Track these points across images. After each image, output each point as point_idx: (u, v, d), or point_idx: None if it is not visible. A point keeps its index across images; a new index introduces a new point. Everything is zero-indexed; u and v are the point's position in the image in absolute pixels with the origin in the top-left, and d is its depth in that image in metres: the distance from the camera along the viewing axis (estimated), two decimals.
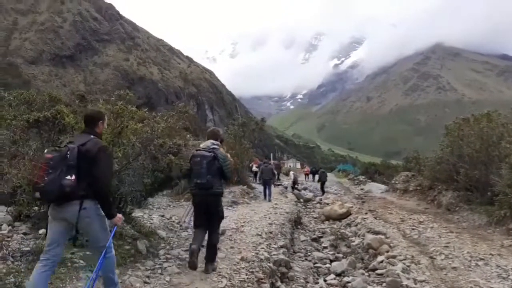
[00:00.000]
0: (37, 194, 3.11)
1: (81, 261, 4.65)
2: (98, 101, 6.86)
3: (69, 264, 4.52)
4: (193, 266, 4.64)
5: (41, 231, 4.96)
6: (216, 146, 4.95)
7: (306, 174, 38.10)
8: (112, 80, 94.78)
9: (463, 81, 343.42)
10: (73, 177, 3.07)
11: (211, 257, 4.95)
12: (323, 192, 20.98)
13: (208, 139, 5.09)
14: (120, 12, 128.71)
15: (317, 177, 36.23)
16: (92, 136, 3.34)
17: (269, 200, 14.49)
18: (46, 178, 3.04)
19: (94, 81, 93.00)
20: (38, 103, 8.28)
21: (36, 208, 5.33)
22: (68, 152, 3.11)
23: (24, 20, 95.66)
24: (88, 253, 4.91)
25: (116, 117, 5.81)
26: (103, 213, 3.29)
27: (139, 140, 6.08)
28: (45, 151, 3.29)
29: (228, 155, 5.12)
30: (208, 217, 4.88)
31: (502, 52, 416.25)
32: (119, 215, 3.43)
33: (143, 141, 6.12)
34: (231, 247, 6.18)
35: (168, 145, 7.60)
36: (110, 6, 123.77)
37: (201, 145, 5.06)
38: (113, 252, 3.49)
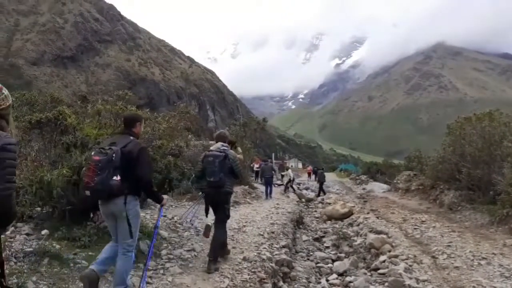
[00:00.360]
0: (88, 193, 3.45)
1: (84, 261, 4.66)
2: (98, 101, 6.89)
3: (71, 264, 4.52)
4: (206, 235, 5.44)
5: (44, 231, 4.98)
6: (226, 147, 5.28)
7: (309, 174, 38.09)
8: (114, 80, 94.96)
9: (464, 80, 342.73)
10: (119, 177, 3.43)
11: (214, 254, 5.09)
12: (324, 192, 20.35)
13: (217, 142, 5.42)
14: (122, 13, 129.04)
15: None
16: (131, 138, 3.68)
17: (270, 197, 14.85)
18: (95, 178, 3.36)
19: (96, 81, 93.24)
20: (40, 104, 8.33)
21: (38, 209, 5.35)
22: (114, 155, 3.42)
23: (26, 21, 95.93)
24: (90, 253, 4.92)
25: (116, 117, 5.82)
26: (139, 212, 3.73)
27: (141, 141, 6.09)
28: (92, 153, 3.61)
29: (236, 154, 5.50)
30: (216, 212, 5.29)
31: (504, 51, 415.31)
32: (164, 198, 3.93)
33: (144, 141, 6.12)
34: (233, 247, 6.18)
35: (170, 146, 7.61)
36: (112, 7, 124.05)
37: (212, 147, 5.38)
38: (134, 254, 3.77)
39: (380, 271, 6.41)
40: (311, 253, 8.35)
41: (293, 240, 8.73)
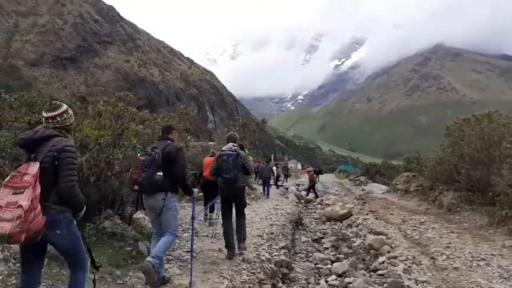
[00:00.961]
0: (136, 187, 4.26)
1: None
2: (99, 102, 6.89)
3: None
4: (230, 257, 5.64)
5: None
6: (236, 147, 5.91)
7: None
8: (113, 81, 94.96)
9: (464, 81, 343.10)
10: (161, 173, 4.16)
11: (242, 237, 5.93)
12: (316, 195, 19.62)
13: (228, 142, 6.02)
14: (121, 14, 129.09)
15: (321, 177, 36.37)
16: (169, 142, 4.48)
17: (267, 198, 15.18)
18: (143, 174, 4.16)
19: (95, 82, 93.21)
20: (39, 105, 8.31)
21: None
22: (156, 155, 4.20)
23: (25, 22, 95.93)
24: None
25: (116, 118, 5.82)
26: (177, 207, 4.48)
27: (140, 142, 6.09)
28: (138, 155, 4.50)
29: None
30: (235, 205, 5.94)
31: (503, 52, 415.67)
32: (195, 190, 4.71)
33: (144, 142, 6.13)
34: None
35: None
36: (111, 8, 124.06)
37: (224, 148, 5.96)
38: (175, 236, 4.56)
39: (379, 272, 6.42)
40: (310, 254, 8.36)
41: (292, 241, 8.74)
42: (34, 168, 2.67)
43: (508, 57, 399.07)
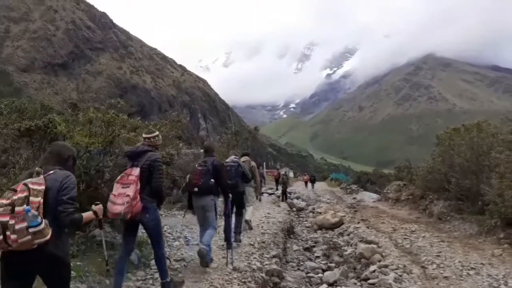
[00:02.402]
0: (196, 189, 5.51)
1: (72, 272, 4.59)
2: (89, 109, 6.86)
3: None
4: (229, 247, 6.34)
5: None
6: (237, 159, 7.54)
7: (306, 182, 37.67)
8: (105, 88, 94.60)
9: (454, 91, 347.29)
10: (213, 181, 5.52)
11: (238, 230, 7.52)
12: (285, 197, 19.97)
13: (230, 156, 7.73)
14: (114, 21, 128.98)
15: (315, 185, 36.42)
16: (214, 157, 5.87)
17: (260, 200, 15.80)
18: (201, 180, 5.48)
19: (87, 89, 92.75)
20: (30, 112, 8.24)
21: None
22: (209, 166, 5.56)
23: (17, 28, 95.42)
24: (78, 263, 4.86)
25: (107, 125, 5.79)
26: (217, 206, 5.69)
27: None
28: (196, 165, 5.77)
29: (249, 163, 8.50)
30: (235, 206, 7.34)
31: (493, 63, 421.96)
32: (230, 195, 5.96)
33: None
34: (223, 257, 6.14)
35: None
36: (104, 15, 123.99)
37: (227, 160, 7.51)
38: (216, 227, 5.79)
39: (370, 281, 6.42)
40: (302, 263, 8.34)
41: (283, 249, 8.72)
42: (136, 171, 3.99)
43: (497, 68, 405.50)
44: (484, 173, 10.37)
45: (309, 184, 35.66)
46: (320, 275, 7.46)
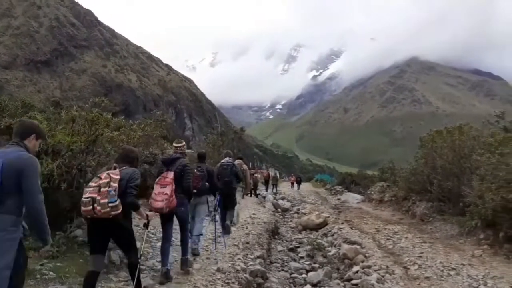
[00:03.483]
0: (195, 191, 6.01)
1: (51, 273, 4.52)
2: (72, 107, 6.74)
3: (38, 276, 4.38)
4: (227, 232, 8.12)
5: None
6: (231, 160, 8.59)
7: (292, 183, 38.31)
8: (89, 86, 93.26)
9: (437, 94, 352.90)
10: (207, 184, 6.61)
11: (230, 219, 8.48)
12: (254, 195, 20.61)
13: (225, 157, 8.71)
14: (99, 19, 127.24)
15: (300, 186, 37.16)
16: (206, 164, 7.06)
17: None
18: (200, 183, 6.38)
19: (71, 87, 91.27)
20: (11, 109, 8.06)
21: None
22: (204, 172, 6.62)
23: None
24: (59, 264, 4.77)
25: (90, 124, 5.70)
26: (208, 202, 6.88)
27: (115, 149, 5.99)
28: (195, 170, 6.45)
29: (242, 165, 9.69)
30: (229, 201, 8.36)
31: (474, 67, 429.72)
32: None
33: (119, 149, 6.03)
34: (207, 258, 6.12)
35: (145, 154, 7.51)
36: (89, 12, 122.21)
37: (222, 161, 8.57)
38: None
39: (353, 281, 6.47)
40: (286, 264, 8.35)
41: (268, 250, 8.72)
42: (171, 174, 5.02)
43: (478, 72, 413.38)
44: (465, 175, 10.57)
45: (295, 185, 36.85)
46: (304, 275, 7.48)
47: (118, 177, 3.75)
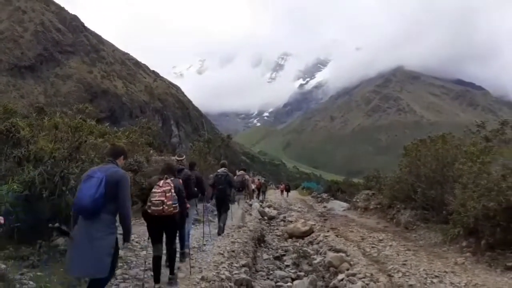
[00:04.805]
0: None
1: (31, 282, 4.43)
2: (56, 114, 6.63)
3: (17, 285, 4.28)
4: (219, 232, 9.49)
5: None
6: (226, 170, 9.77)
7: (282, 191, 38.55)
8: (74, 92, 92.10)
9: (421, 103, 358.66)
10: (196, 189, 7.34)
11: (224, 223, 9.79)
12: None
13: (221, 167, 9.91)
14: (85, 24, 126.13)
15: (290, 193, 37.78)
16: (196, 171, 8.06)
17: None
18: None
19: (55, 93, 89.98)
20: None
21: None
22: (194, 178, 7.35)
23: None
24: (39, 273, 4.67)
25: (74, 131, 5.63)
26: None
27: (98, 156, 5.91)
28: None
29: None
30: (223, 206, 9.69)
31: (457, 77, 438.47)
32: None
33: (103, 157, 5.96)
34: (192, 267, 6.05)
35: (129, 162, 7.43)
36: (75, 18, 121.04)
37: (218, 170, 9.84)
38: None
39: None
40: (271, 272, 8.32)
41: (253, 258, 8.67)
42: (179, 181, 5.61)
43: (461, 82, 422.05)
44: (448, 183, 10.72)
45: (285, 193, 37.70)
46: (289, 284, 7.46)
47: (172, 184, 5.05)
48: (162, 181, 4.96)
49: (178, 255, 5.97)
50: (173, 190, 4.98)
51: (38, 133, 6.04)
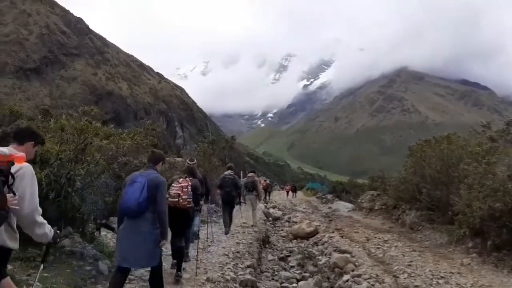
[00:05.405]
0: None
1: (38, 283, 4.44)
2: (62, 116, 6.68)
3: (24, 286, 4.31)
4: (227, 232, 10.01)
5: None
6: (232, 172, 10.33)
7: (288, 192, 38.48)
8: (80, 94, 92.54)
9: (426, 104, 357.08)
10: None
11: (232, 222, 10.45)
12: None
13: (227, 170, 10.41)
14: (90, 27, 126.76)
15: (296, 194, 37.76)
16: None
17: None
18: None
19: (61, 95, 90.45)
20: None
21: None
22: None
23: None
24: (46, 274, 4.69)
25: (79, 133, 5.66)
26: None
27: (104, 158, 5.94)
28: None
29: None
30: (229, 207, 10.26)
31: (462, 77, 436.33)
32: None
33: (108, 158, 6.00)
34: (197, 268, 6.07)
35: (135, 163, 7.46)
36: (80, 20, 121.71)
37: (225, 173, 10.34)
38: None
39: None
40: (276, 273, 8.32)
41: (258, 259, 8.68)
42: (197, 181, 6.47)
43: (466, 82, 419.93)
44: (453, 184, 10.67)
45: (291, 193, 37.74)
46: (294, 285, 7.46)
47: (189, 183, 5.78)
48: (181, 179, 5.75)
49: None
50: (189, 188, 5.69)
51: (44, 135, 6.06)
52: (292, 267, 9.09)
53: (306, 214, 19.51)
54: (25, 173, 2.64)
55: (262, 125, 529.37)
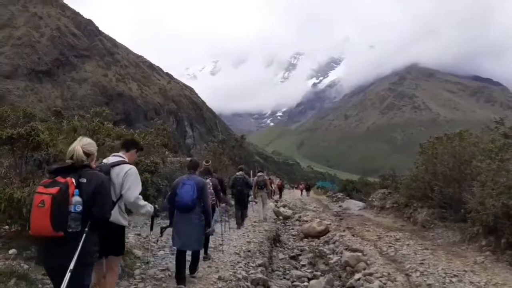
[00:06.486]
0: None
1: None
2: (74, 117, 6.76)
3: (40, 285, 4.38)
4: (238, 227, 10.88)
5: (11, 251, 4.80)
6: (243, 173, 11.40)
7: (301, 190, 38.63)
8: (90, 96, 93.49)
9: (437, 101, 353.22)
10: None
11: (244, 217, 11.50)
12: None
13: (239, 171, 11.60)
14: (100, 28, 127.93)
15: (310, 192, 37.85)
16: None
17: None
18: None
19: (72, 96, 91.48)
20: (12, 119, 8.10)
21: (6, 227, 5.17)
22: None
23: (0, 34, 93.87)
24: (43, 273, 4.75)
25: (92, 134, 5.73)
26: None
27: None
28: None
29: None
30: (241, 205, 11.28)
31: (474, 73, 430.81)
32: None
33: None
34: (209, 266, 6.11)
35: (146, 163, 7.53)
36: (90, 22, 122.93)
37: (237, 173, 11.53)
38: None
39: None
40: (287, 272, 8.33)
41: (269, 258, 8.69)
42: (216, 180, 7.25)
43: (478, 78, 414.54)
44: (466, 181, 10.54)
45: (304, 192, 38.68)
46: (305, 283, 7.46)
47: (211, 183, 6.55)
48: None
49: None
50: (211, 187, 6.43)
51: (57, 136, 6.16)
52: (303, 265, 9.09)
53: (317, 212, 19.46)
54: (132, 172, 3.72)
55: (272, 124, 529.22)
